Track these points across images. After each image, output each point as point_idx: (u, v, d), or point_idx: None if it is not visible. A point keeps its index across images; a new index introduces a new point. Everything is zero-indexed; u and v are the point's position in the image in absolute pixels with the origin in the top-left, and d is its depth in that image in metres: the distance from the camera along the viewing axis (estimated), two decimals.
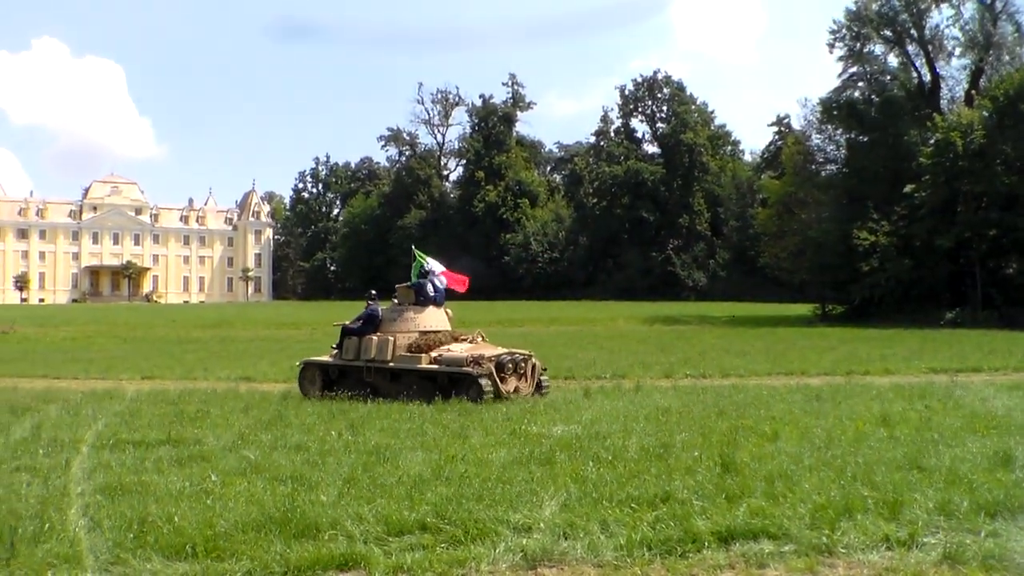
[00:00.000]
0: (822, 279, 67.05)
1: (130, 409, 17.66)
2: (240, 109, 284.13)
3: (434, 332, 19.66)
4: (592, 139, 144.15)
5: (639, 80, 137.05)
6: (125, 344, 49.73)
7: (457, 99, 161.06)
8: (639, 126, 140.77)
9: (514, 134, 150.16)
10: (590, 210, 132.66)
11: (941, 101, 69.85)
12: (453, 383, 18.23)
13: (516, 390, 18.47)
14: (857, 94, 71.37)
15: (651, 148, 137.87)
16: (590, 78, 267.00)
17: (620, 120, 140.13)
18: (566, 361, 30.88)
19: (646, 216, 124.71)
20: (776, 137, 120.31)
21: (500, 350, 19.22)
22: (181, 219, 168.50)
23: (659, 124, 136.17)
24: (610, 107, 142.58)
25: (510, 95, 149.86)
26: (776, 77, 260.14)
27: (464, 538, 7.89)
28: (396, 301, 20.81)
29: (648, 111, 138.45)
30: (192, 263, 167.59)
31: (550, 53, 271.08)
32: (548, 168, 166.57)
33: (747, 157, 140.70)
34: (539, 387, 19.25)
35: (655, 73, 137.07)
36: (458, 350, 18.80)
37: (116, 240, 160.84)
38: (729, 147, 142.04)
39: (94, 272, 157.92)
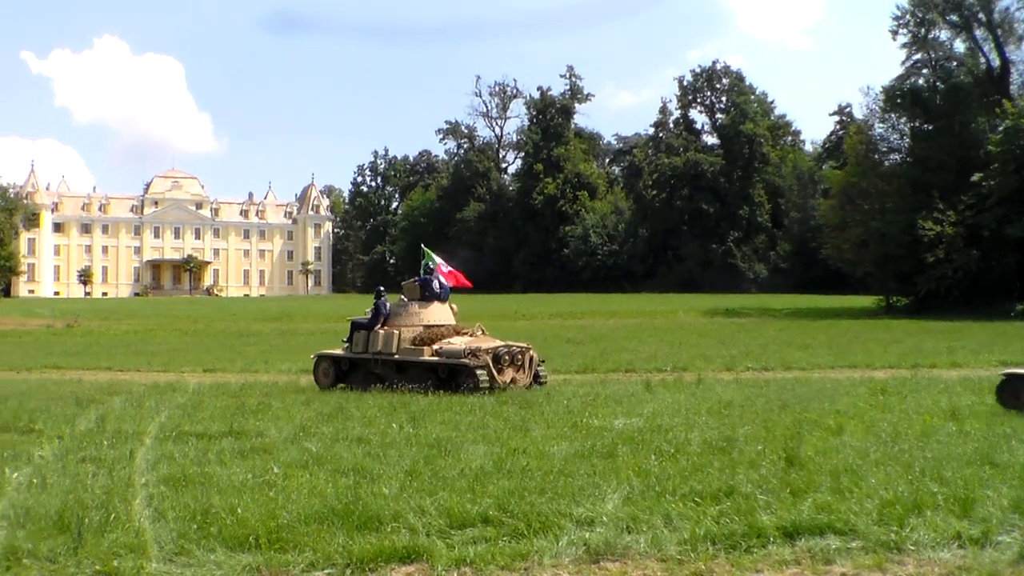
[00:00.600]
0: (886, 271, 66.12)
1: (192, 401, 17.85)
2: (298, 103, 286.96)
3: (438, 326, 20.47)
4: (651, 130, 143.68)
5: (698, 70, 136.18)
6: (186, 337, 50.28)
7: (515, 91, 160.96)
8: (698, 117, 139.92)
9: (572, 126, 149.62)
10: (649, 202, 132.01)
11: (1011, 87, 68.43)
12: (452, 374, 19.09)
13: (513, 381, 19.23)
14: (921, 81, 70.18)
15: (710, 139, 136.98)
16: (647, 69, 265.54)
17: (679, 111, 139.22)
18: (626, 354, 30.78)
19: (706, 208, 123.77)
20: (838, 126, 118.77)
21: (498, 343, 20.05)
22: (241, 213, 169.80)
23: (718, 114, 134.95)
24: (668, 98, 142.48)
25: (568, 87, 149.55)
26: (837, 65, 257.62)
27: (527, 531, 7.85)
28: (403, 297, 21.62)
29: (707, 101, 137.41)
30: (252, 257, 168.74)
31: (607, 44, 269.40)
32: (607, 160, 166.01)
33: (808, 147, 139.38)
34: (537, 378, 19.99)
35: (714, 63, 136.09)
36: (458, 343, 19.67)
37: (177, 234, 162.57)
38: (789, 137, 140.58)
39: (155, 266, 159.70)
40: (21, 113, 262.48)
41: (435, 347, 19.63)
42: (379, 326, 20.62)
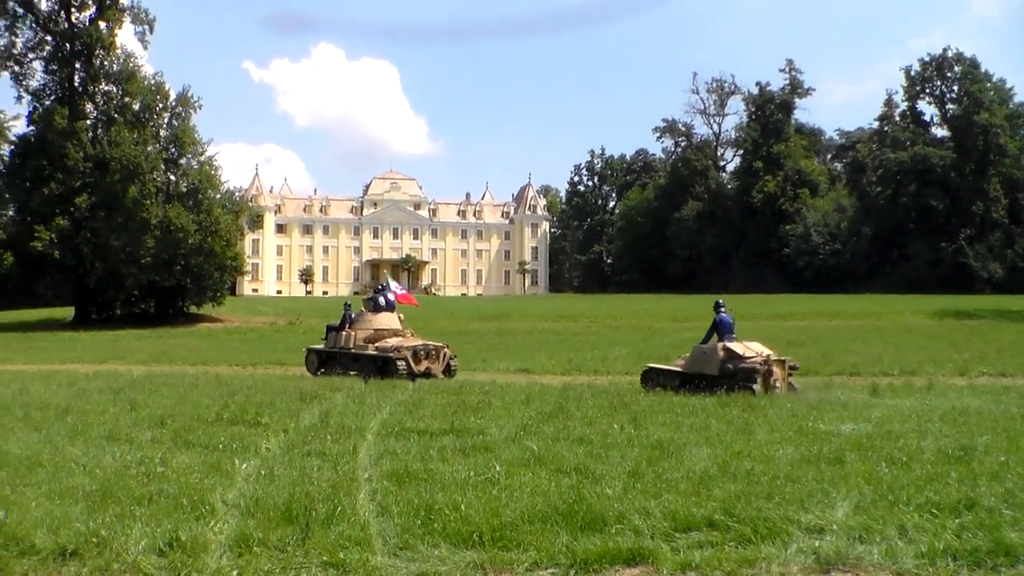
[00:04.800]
0: None
1: (413, 398, 18.27)
2: (514, 104, 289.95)
3: (384, 329, 26.72)
4: (875, 124, 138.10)
5: (927, 59, 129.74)
6: None
7: (733, 87, 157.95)
8: (926, 108, 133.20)
9: (792, 122, 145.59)
10: (873, 199, 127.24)
11: None
12: (384, 363, 25.13)
13: (428, 370, 25.02)
14: None
15: (940, 131, 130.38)
16: (868, 61, 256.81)
17: (906, 103, 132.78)
18: (850, 357, 29.92)
19: (935, 204, 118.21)
20: None
21: (419, 342, 26.20)
22: (458, 213, 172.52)
23: (949, 105, 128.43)
24: (894, 89, 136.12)
25: (787, 81, 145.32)
26: None
27: (753, 537, 7.67)
28: (364, 309, 28.21)
29: (937, 92, 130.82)
30: (469, 256, 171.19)
31: (826, 37, 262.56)
32: (828, 156, 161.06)
33: None
34: (448, 369, 25.76)
35: (944, 50, 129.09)
36: (392, 342, 25.92)
37: (396, 235, 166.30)
38: None
39: (374, 265, 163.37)
40: (245, 120, 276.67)
41: (377, 344, 25.96)
42: (345, 328, 26.90)
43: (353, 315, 27.68)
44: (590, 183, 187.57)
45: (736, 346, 19.64)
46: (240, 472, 10.48)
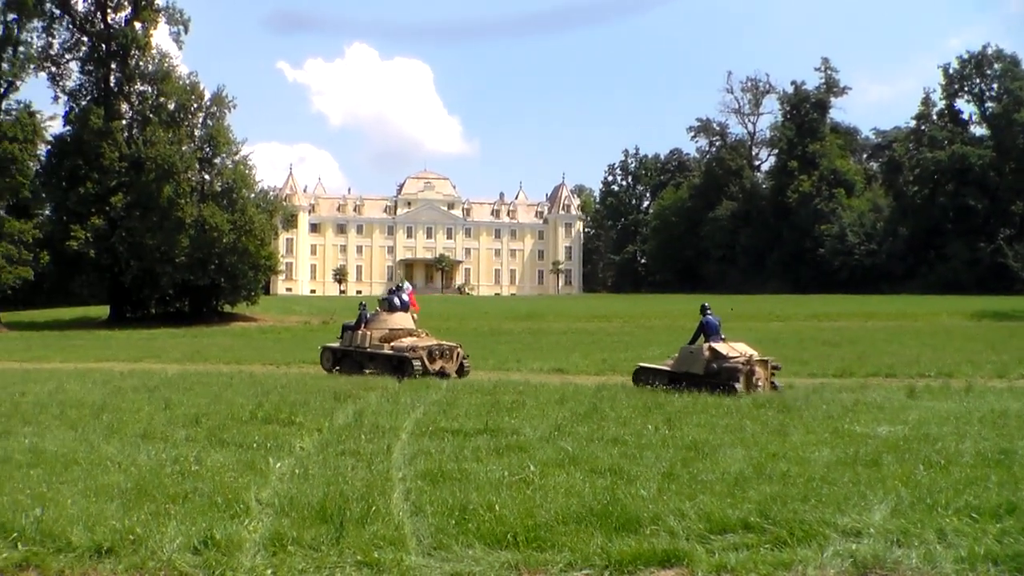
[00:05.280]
0: None
1: (447, 398, 18.24)
2: (547, 104, 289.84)
3: (398, 329, 27.16)
4: (912, 123, 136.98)
5: (965, 57, 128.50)
6: (438, 335, 50.85)
7: (768, 87, 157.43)
8: (965, 107, 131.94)
9: (828, 121, 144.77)
10: (910, 199, 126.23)
11: None
12: (400, 362, 25.44)
13: (442, 369, 25.36)
14: None
15: (979, 130, 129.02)
16: (904, 59, 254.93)
17: (943, 101, 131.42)
18: (886, 358, 29.67)
19: (973, 204, 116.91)
20: None
21: (433, 342, 26.60)
22: (492, 213, 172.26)
23: (988, 103, 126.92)
24: (931, 88, 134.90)
25: (823, 80, 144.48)
26: None
27: (789, 539, 7.61)
28: (378, 309, 28.57)
29: (976, 89, 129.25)
30: (503, 256, 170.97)
31: (860, 36, 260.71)
32: (864, 156, 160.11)
33: None
34: (461, 368, 26.02)
35: (984, 47, 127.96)
36: (407, 342, 26.29)
37: (429, 234, 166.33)
38: None
39: (408, 265, 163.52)
40: (279, 120, 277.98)
41: (392, 344, 26.36)
42: (360, 328, 27.32)
43: (368, 315, 28.12)
44: (624, 183, 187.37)
45: (721, 347, 20.33)
46: (274, 471, 10.51)
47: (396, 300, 28.69)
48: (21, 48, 68.09)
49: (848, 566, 7.07)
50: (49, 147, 71.55)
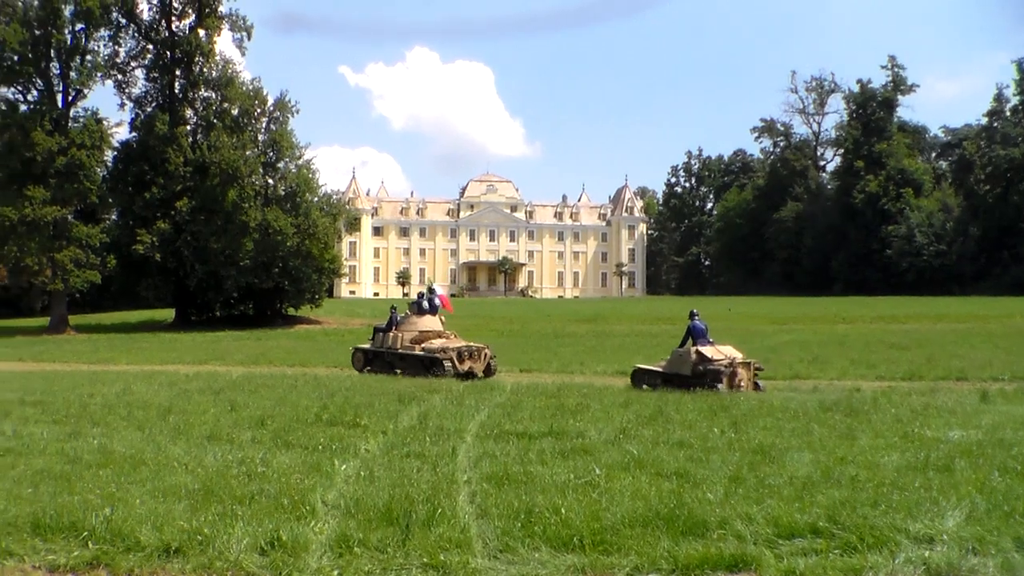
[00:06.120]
0: None
1: (511, 401, 18.21)
2: (609, 106, 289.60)
3: (427, 331, 28.36)
4: (983, 120, 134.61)
5: None
6: (502, 338, 51.53)
7: (832, 86, 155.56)
8: None
9: (895, 119, 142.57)
10: (982, 198, 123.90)
11: None
12: (432, 363, 26.53)
13: (471, 369, 26.54)
14: None
15: None
16: (973, 56, 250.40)
17: (1017, 97, 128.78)
18: (956, 360, 29.17)
19: None
20: None
21: (462, 343, 27.67)
22: (555, 215, 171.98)
23: None
24: (1004, 84, 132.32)
25: (889, 78, 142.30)
26: None
27: (859, 545, 7.48)
28: (408, 312, 29.95)
29: None
30: (566, 258, 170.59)
31: (927, 33, 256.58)
32: (933, 154, 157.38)
33: None
34: (488, 369, 27.11)
35: None
36: (437, 343, 27.40)
37: (492, 237, 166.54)
38: None
39: (471, 267, 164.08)
40: (341, 124, 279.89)
41: (424, 345, 27.50)
42: (391, 330, 28.68)
43: (399, 318, 29.48)
44: (687, 184, 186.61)
45: (707, 350, 21.81)
46: (340, 473, 10.54)
47: (425, 303, 29.96)
48: (89, 57, 69.17)
49: (920, 573, 6.93)
50: (116, 153, 72.73)
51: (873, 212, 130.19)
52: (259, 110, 73.05)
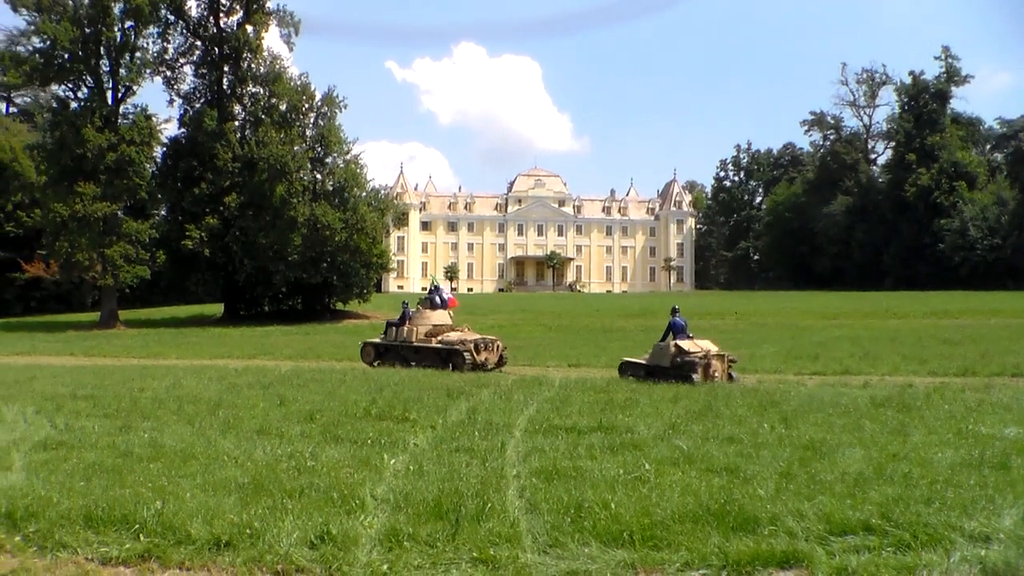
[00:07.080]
0: None
1: (560, 395, 18.20)
2: (658, 100, 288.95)
3: (440, 325, 29.58)
4: None
5: None
6: (550, 332, 51.54)
7: (884, 78, 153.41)
8: None
9: (948, 111, 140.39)
10: None
11: None
12: (449, 355, 27.73)
13: (486, 360, 27.57)
14: None
15: None
16: None
17: None
18: (1011, 356, 28.74)
19: None
20: None
21: (477, 336, 28.86)
22: (603, 210, 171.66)
23: None
24: None
25: (943, 69, 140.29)
26: None
27: (913, 543, 7.41)
28: (419, 307, 30.95)
29: None
30: (614, 253, 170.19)
31: (981, 22, 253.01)
32: (988, 147, 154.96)
33: None
34: (501, 360, 28.28)
35: None
36: (453, 336, 28.76)
37: (540, 231, 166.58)
38: None
39: (519, 262, 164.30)
40: (389, 119, 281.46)
41: (439, 338, 28.78)
42: (405, 324, 29.71)
43: (410, 312, 30.43)
44: (736, 178, 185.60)
45: (685, 343, 22.95)
46: (389, 467, 10.57)
47: (436, 299, 31.15)
48: (138, 54, 69.77)
49: (976, 572, 6.84)
50: (164, 149, 73.37)
51: (925, 206, 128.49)
52: (307, 105, 73.26)
